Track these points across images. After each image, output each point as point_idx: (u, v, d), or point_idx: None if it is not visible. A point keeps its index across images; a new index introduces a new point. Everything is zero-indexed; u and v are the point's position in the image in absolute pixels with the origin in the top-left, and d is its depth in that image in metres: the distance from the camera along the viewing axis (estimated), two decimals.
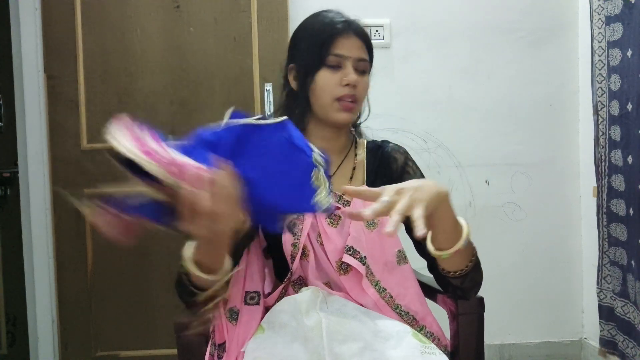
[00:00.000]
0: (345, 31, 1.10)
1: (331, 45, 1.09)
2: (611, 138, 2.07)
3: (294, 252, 1.06)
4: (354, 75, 1.09)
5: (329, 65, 1.10)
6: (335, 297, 1.05)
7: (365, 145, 1.22)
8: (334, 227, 1.09)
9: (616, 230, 2.05)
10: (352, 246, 1.06)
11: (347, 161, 1.19)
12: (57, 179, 2.21)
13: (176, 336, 1.13)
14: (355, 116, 1.16)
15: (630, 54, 1.93)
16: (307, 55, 1.12)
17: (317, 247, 1.08)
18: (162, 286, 2.23)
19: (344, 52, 1.09)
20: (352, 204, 1.10)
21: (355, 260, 1.05)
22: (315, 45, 1.10)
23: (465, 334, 1.15)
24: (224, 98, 2.23)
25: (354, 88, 1.10)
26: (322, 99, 1.11)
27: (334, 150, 1.17)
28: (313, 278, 1.07)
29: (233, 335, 1.05)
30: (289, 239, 1.07)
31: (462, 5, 2.37)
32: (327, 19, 1.13)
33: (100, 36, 2.19)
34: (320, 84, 1.10)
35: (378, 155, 1.20)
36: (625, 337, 2.03)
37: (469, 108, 2.39)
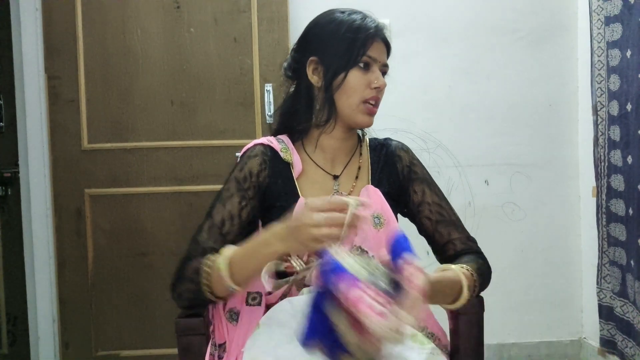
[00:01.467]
0: (376, 35, 1.11)
1: (367, 47, 1.09)
2: (610, 138, 2.07)
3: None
4: (382, 79, 1.10)
5: (361, 66, 1.09)
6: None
7: (368, 143, 1.22)
8: None
9: (615, 230, 2.05)
10: (360, 246, 1.06)
11: (353, 160, 1.18)
12: (58, 179, 2.21)
13: (176, 336, 1.13)
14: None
15: (629, 54, 1.93)
16: (341, 52, 1.09)
17: None
18: (162, 286, 2.24)
19: (376, 55, 1.10)
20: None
21: None
22: (351, 44, 1.09)
23: (465, 334, 1.15)
24: (224, 98, 2.23)
25: (381, 92, 1.11)
26: (351, 99, 1.09)
27: (343, 149, 1.17)
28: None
29: (233, 335, 1.06)
30: None
31: (462, 5, 2.38)
32: (359, 19, 1.12)
33: (100, 36, 2.20)
34: (352, 84, 1.09)
35: (382, 154, 1.19)
36: (624, 337, 2.03)
37: (468, 108, 2.39)
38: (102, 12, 2.19)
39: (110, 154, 2.22)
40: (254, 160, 1.11)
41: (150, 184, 2.23)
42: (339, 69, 1.09)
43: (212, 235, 1.06)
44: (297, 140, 1.17)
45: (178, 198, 2.24)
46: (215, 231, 1.06)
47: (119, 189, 2.22)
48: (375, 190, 1.11)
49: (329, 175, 1.15)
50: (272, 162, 1.12)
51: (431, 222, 1.15)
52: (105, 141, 2.22)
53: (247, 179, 1.09)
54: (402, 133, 2.34)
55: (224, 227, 1.06)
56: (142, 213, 2.23)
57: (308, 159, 1.15)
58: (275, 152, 1.13)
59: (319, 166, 1.15)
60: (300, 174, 1.12)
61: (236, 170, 1.11)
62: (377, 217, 1.09)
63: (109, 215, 2.23)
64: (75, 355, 2.23)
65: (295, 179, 1.12)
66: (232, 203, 1.08)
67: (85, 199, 2.22)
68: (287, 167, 1.12)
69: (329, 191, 1.13)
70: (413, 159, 1.20)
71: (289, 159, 1.12)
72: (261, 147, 1.13)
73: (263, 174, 1.11)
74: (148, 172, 2.23)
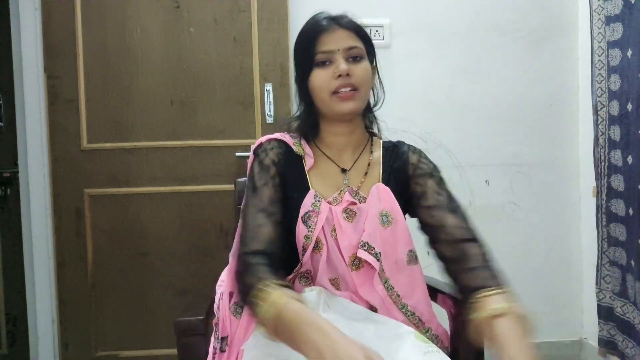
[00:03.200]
0: (328, 27, 1.10)
1: (317, 44, 1.10)
2: (611, 138, 2.07)
3: (307, 244, 1.07)
4: (344, 65, 1.08)
5: (318, 63, 1.10)
6: (339, 298, 1.06)
7: (382, 144, 1.23)
8: (349, 222, 1.09)
9: (615, 230, 2.05)
10: (367, 242, 1.07)
11: (362, 157, 1.18)
12: (57, 179, 2.21)
13: (176, 336, 1.13)
14: (360, 103, 1.12)
15: (630, 53, 1.93)
16: (299, 60, 1.14)
17: (330, 241, 1.08)
18: (162, 286, 2.23)
19: (330, 46, 1.09)
20: (368, 201, 1.11)
21: (370, 255, 1.06)
22: (303, 48, 1.12)
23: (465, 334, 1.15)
24: (224, 98, 2.23)
25: (348, 77, 1.09)
26: (321, 97, 1.11)
27: (349, 145, 1.18)
28: (322, 273, 1.07)
29: (236, 328, 1.07)
30: (303, 230, 1.07)
31: (462, 5, 2.37)
32: (313, 20, 1.14)
33: (100, 36, 2.19)
34: (316, 83, 1.11)
35: (394, 154, 1.20)
36: (624, 337, 2.03)
37: (468, 108, 2.39)
38: (102, 12, 2.19)
39: (110, 154, 2.21)
40: (272, 151, 1.14)
41: (150, 184, 2.23)
42: (304, 76, 1.13)
43: (257, 234, 1.03)
44: (310, 141, 1.19)
45: (178, 198, 2.23)
46: (263, 217, 1.05)
47: (119, 189, 2.22)
48: (385, 189, 1.12)
49: (339, 168, 1.16)
50: (286, 155, 1.14)
51: (428, 208, 1.12)
52: (105, 141, 2.22)
53: (271, 167, 1.12)
54: (402, 133, 2.33)
55: (270, 208, 1.07)
56: (142, 213, 2.23)
57: (319, 152, 1.17)
58: (288, 145, 1.15)
59: (330, 158, 1.16)
60: (311, 167, 1.14)
61: (256, 164, 1.13)
62: (385, 214, 1.10)
63: (108, 215, 2.22)
64: (75, 355, 2.23)
65: (307, 172, 1.14)
66: (268, 188, 1.09)
67: (85, 199, 2.21)
68: (299, 160, 1.15)
69: (339, 185, 1.14)
70: (422, 157, 1.20)
71: (301, 152, 1.15)
72: (275, 142, 1.16)
73: (281, 164, 1.13)
74: (148, 172, 2.23)
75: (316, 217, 1.08)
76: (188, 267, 2.24)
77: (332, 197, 1.12)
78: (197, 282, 2.21)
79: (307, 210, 1.08)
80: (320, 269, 1.07)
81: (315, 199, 1.09)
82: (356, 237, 1.08)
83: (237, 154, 2.21)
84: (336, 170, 1.16)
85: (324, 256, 1.07)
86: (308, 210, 1.08)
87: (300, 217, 1.08)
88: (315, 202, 1.09)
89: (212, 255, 2.22)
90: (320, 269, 1.07)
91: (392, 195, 1.12)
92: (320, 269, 1.07)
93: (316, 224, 1.07)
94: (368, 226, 1.08)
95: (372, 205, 1.10)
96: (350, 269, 1.07)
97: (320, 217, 1.08)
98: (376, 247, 1.07)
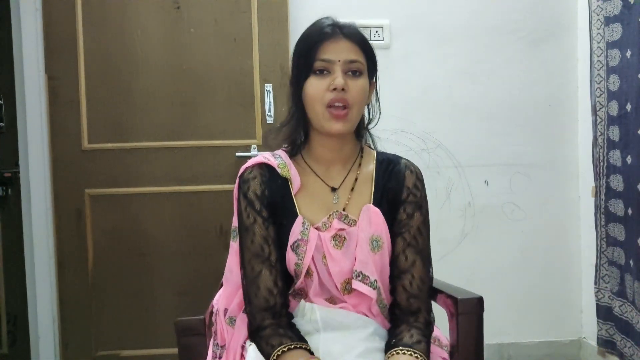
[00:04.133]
0: (332, 35, 1.06)
1: (317, 51, 1.05)
2: (609, 138, 2.07)
3: (298, 270, 1.06)
4: (340, 78, 1.03)
5: (316, 71, 1.06)
6: (336, 310, 1.07)
7: (376, 157, 1.16)
8: (338, 249, 1.07)
9: (614, 230, 2.05)
10: (361, 271, 1.05)
11: (352, 172, 1.14)
12: (58, 179, 2.21)
13: (176, 336, 1.13)
14: (350, 125, 1.07)
15: (629, 54, 1.93)
16: (297, 65, 1.09)
17: (321, 268, 1.07)
18: (162, 286, 2.24)
19: (331, 56, 1.05)
20: (358, 224, 1.08)
21: (366, 286, 1.05)
22: (302, 53, 1.08)
23: (465, 334, 1.15)
24: (224, 98, 2.23)
25: (343, 92, 1.04)
26: (314, 108, 1.06)
27: (339, 159, 1.13)
28: (315, 294, 1.08)
29: (232, 337, 1.11)
30: (293, 258, 1.06)
31: (462, 5, 2.38)
32: (316, 25, 1.09)
33: (101, 37, 2.20)
34: (310, 92, 1.06)
35: (388, 171, 1.14)
36: (623, 337, 2.04)
37: (468, 108, 2.39)
38: (102, 12, 2.19)
39: (110, 154, 2.22)
40: (254, 182, 1.09)
41: (150, 184, 2.23)
42: (298, 82, 1.08)
43: (257, 288, 1.04)
44: (297, 153, 1.15)
45: (178, 198, 2.24)
46: (258, 263, 1.05)
47: (119, 189, 2.22)
48: (376, 212, 1.08)
49: (328, 187, 1.12)
50: (271, 181, 1.10)
51: (404, 243, 1.08)
52: (105, 141, 2.22)
53: (255, 201, 1.08)
54: (402, 133, 2.34)
55: (264, 252, 1.06)
56: (142, 213, 2.23)
57: (308, 169, 1.13)
58: (273, 169, 1.10)
59: (318, 176, 1.12)
60: (299, 189, 1.10)
61: (241, 197, 1.09)
62: (375, 239, 1.07)
63: (109, 215, 2.23)
64: (75, 355, 2.23)
65: (294, 195, 1.09)
66: (258, 225, 1.07)
67: (85, 199, 2.22)
68: (286, 183, 1.10)
69: (328, 205, 1.10)
70: (417, 181, 1.13)
71: (286, 174, 1.10)
72: (258, 169, 1.11)
73: (265, 193, 1.09)
74: (148, 172, 2.23)
75: (305, 245, 1.05)
76: (188, 267, 2.24)
77: (321, 222, 1.08)
78: (197, 282, 2.21)
79: (296, 239, 1.06)
80: (312, 290, 1.07)
81: (304, 227, 1.06)
82: (347, 263, 1.06)
83: (238, 154, 2.21)
84: (325, 188, 1.11)
85: (315, 281, 1.07)
86: (297, 239, 1.06)
87: (290, 245, 1.06)
88: (303, 230, 1.06)
89: (212, 255, 2.22)
90: (313, 290, 1.07)
91: (382, 218, 1.08)
92: (312, 290, 1.07)
93: (305, 253, 1.05)
94: (359, 253, 1.06)
95: (363, 229, 1.07)
96: (343, 293, 1.07)
97: (309, 245, 1.05)
98: (371, 275, 1.05)
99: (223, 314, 1.13)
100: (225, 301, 1.13)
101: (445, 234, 2.37)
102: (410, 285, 1.06)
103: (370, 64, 1.10)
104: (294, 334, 1.01)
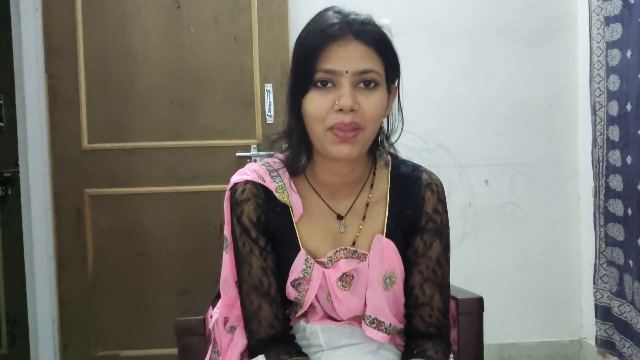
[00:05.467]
0: (340, 36, 0.85)
1: (320, 57, 0.85)
2: (609, 138, 2.07)
3: (299, 303, 0.97)
4: (348, 96, 0.84)
5: (317, 83, 0.86)
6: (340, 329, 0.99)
7: (390, 173, 1.00)
8: (346, 291, 0.95)
9: (613, 230, 2.05)
10: (375, 318, 0.95)
11: (362, 196, 0.98)
12: (58, 179, 2.21)
13: (176, 336, 1.13)
14: (361, 147, 0.89)
15: (629, 54, 1.93)
16: (295, 73, 0.89)
17: (325, 304, 0.98)
18: (162, 286, 2.24)
19: (337, 65, 0.85)
20: (368, 260, 0.96)
21: (380, 332, 0.95)
22: (301, 59, 0.87)
23: (465, 334, 1.15)
24: (224, 98, 2.23)
25: (353, 113, 0.85)
26: (314, 130, 0.88)
27: (349, 183, 0.97)
28: (316, 320, 1.00)
29: (231, 341, 1.07)
30: (293, 293, 0.96)
31: (462, 5, 2.38)
32: (320, 20, 0.88)
33: (100, 36, 2.19)
34: (309, 111, 0.87)
35: (405, 193, 0.98)
36: (622, 337, 2.03)
37: (468, 108, 2.39)
38: (102, 12, 2.19)
39: (110, 154, 2.22)
40: (247, 206, 0.95)
41: (150, 184, 2.23)
42: (296, 95, 0.89)
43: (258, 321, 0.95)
44: (300, 173, 0.97)
45: (178, 198, 2.24)
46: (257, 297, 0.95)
47: (119, 189, 2.22)
48: (390, 245, 0.95)
49: (334, 213, 0.97)
50: (267, 205, 0.95)
51: (421, 277, 0.96)
52: (105, 141, 2.22)
53: (251, 228, 0.95)
54: (403, 133, 2.33)
55: (262, 285, 0.95)
56: (142, 213, 2.23)
57: (311, 192, 0.98)
58: (269, 191, 0.96)
59: (323, 200, 0.98)
60: (301, 216, 0.96)
61: (234, 221, 0.96)
62: (389, 276, 0.96)
63: (109, 215, 2.22)
64: (75, 355, 2.23)
65: (295, 223, 0.96)
66: (255, 256, 0.95)
67: (85, 199, 2.22)
68: (286, 209, 0.96)
69: (334, 235, 0.97)
70: (439, 204, 0.98)
71: (286, 201, 0.95)
72: (252, 188, 0.95)
73: (262, 219, 0.95)
74: (148, 172, 2.23)
75: (307, 284, 0.94)
76: (188, 267, 2.24)
77: (326, 258, 0.95)
78: (197, 282, 2.21)
79: (297, 277, 0.94)
80: (316, 317, 0.99)
81: (307, 264, 0.94)
82: (356, 303, 0.95)
83: (238, 154, 2.21)
84: (330, 215, 0.97)
85: (319, 311, 0.98)
86: (298, 277, 0.94)
87: (289, 282, 0.95)
88: (306, 268, 0.94)
89: (212, 255, 2.22)
90: (316, 317, 0.99)
91: (396, 251, 0.95)
92: (316, 317, 0.99)
93: (307, 291, 0.95)
94: (371, 296, 0.94)
95: (374, 267, 0.94)
96: (350, 323, 0.98)
97: (311, 285, 0.94)
98: (385, 320, 0.95)
99: (222, 323, 1.08)
100: (225, 310, 1.06)
101: None
102: (429, 317, 0.96)
103: (390, 68, 0.92)
104: (294, 349, 0.95)
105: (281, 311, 0.97)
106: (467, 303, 1.17)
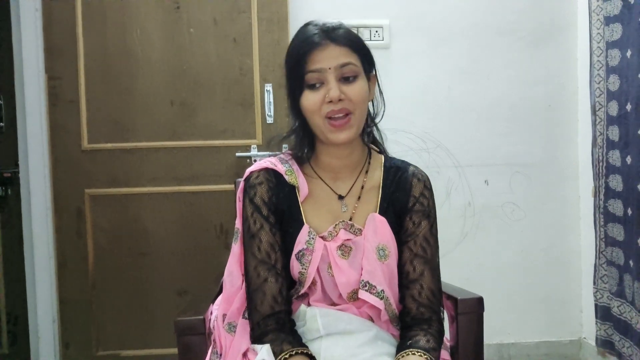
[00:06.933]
0: (320, 43, 1.02)
1: (307, 62, 1.02)
2: (609, 138, 2.07)
3: (302, 278, 1.05)
4: (335, 89, 1.01)
5: (309, 85, 1.03)
6: (339, 314, 1.05)
7: (383, 164, 1.15)
8: (345, 259, 1.06)
9: (613, 230, 2.05)
10: (368, 281, 1.04)
11: (360, 179, 1.13)
12: (58, 179, 2.22)
13: (176, 336, 1.13)
14: (355, 130, 1.05)
15: (629, 54, 1.93)
16: (290, 77, 1.07)
17: (326, 278, 1.06)
18: (162, 286, 2.24)
19: (321, 65, 1.02)
20: (364, 233, 1.07)
21: (373, 296, 1.04)
22: (292, 67, 1.05)
23: (465, 334, 1.16)
24: (224, 98, 2.23)
25: (341, 102, 1.02)
26: (314, 121, 1.05)
27: (347, 167, 1.12)
28: (318, 300, 1.07)
29: (230, 345, 1.09)
30: (297, 267, 1.05)
31: (462, 5, 2.38)
32: (302, 35, 1.06)
33: (100, 37, 2.20)
34: (307, 107, 1.04)
35: (396, 179, 1.12)
36: (621, 337, 2.04)
37: (468, 108, 2.39)
38: (102, 12, 2.20)
39: (110, 154, 2.22)
40: (261, 187, 1.08)
41: (150, 184, 2.23)
42: (295, 97, 1.06)
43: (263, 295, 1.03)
44: (305, 162, 1.13)
45: (178, 198, 2.24)
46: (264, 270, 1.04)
47: (119, 189, 2.23)
48: (382, 220, 1.08)
49: (335, 194, 1.11)
50: (278, 188, 1.09)
51: (410, 253, 1.08)
52: (105, 141, 2.22)
53: (262, 207, 1.07)
54: (402, 133, 2.34)
55: (270, 259, 1.05)
56: (142, 213, 2.23)
57: (315, 177, 1.12)
58: (280, 175, 1.09)
59: (326, 183, 1.11)
60: (306, 197, 1.09)
61: (247, 202, 1.08)
62: (382, 248, 1.06)
63: (109, 215, 2.23)
64: (75, 355, 2.23)
65: (301, 203, 1.08)
66: (265, 232, 1.06)
67: (85, 199, 2.22)
68: (293, 190, 1.09)
69: (335, 213, 1.09)
70: (425, 190, 1.12)
71: (294, 182, 1.09)
72: (265, 174, 1.09)
73: (272, 199, 1.08)
74: (148, 172, 2.23)
75: (310, 255, 1.05)
76: (188, 267, 2.24)
77: (327, 232, 1.07)
78: (197, 282, 2.22)
79: (301, 248, 1.05)
80: (314, 297, 1.07)
81: (310, 236, 1.05)
82: (353, 274, 1.05)
83: (237, 154, 2.21)
84: (332, 196, 1.10)
85: (319, 289, 1.06)
86: (302, 249, 1.05)
87: (294, 254, 1.05)
88: (309, 239, 1.05)
89: (212, 255, 2.22)
90: (315, 297, 1.07)
91: (388, 227, 1.07)
92: (314, 297, 1.07)
93: (310, 262, 1.05)
94: (366, 263, 1.05)
95: (369, 239, 1.06)
96: (348, 301, 1.06)
97: (314, 255, 1.05)
98: (378, 285, 1.04)
99: (221, 319, 1.11)
100: (224, 306, 1.11)
101: (445, 233, 2.33)
102: (419, 295, 1.06)
103: (366, 59, 1.07)
104: (295, 340, 1.01)
105: (285, 289, 1.05)
106: (467, 303, 1.17)
